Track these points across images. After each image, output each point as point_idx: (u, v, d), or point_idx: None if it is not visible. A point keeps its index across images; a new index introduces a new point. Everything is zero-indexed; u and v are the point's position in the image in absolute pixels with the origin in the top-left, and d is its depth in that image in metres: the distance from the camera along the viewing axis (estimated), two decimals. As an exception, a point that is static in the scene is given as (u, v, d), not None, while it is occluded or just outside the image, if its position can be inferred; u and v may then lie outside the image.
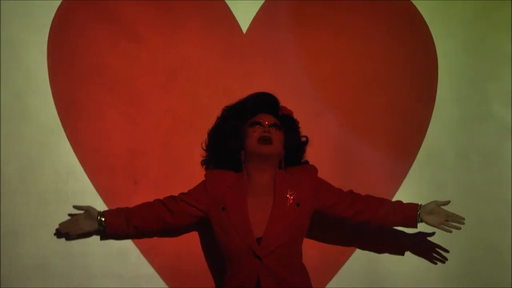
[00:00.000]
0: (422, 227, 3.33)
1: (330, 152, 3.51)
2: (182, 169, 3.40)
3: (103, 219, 3.22)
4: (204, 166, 3.40)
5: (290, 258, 3.11)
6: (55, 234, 3.28)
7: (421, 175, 3.54)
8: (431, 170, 3.56)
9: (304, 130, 3.38)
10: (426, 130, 3.60)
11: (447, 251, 3.46)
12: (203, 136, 3.39)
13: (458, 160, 3.58)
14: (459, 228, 3.23)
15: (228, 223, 3.10)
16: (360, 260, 3.46)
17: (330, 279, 3.43)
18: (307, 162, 3.34)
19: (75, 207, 3.27)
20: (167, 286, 3.34)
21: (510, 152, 3.60)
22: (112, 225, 3.22)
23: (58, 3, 3.45)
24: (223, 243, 3.11)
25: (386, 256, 3.47)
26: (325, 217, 3.29)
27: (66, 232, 3.25)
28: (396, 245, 3.46)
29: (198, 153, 3.40)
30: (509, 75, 3.65)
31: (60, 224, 3.26)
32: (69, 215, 3.29)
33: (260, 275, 3.04)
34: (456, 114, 3.61)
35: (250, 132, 3.20)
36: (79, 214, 3.27)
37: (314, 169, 3.25)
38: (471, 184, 3.55)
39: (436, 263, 3.46)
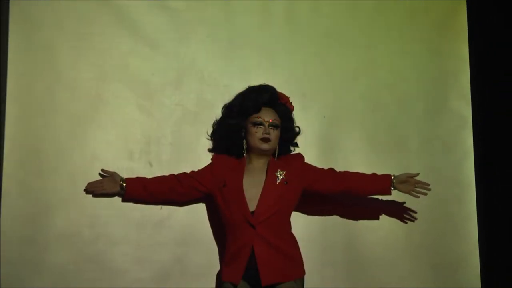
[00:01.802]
0: (394, 196, 3.51)
1: (315, 140, 3.68)
2: (190, 154, 3.58)
3: (125, 184, 3.44)
4: (208, 152, 3.58)
5: (280, 228, 3.32)
6: (84, 190, 3.45)
7: (391, 159, 3.71)
8: (398, 155, 3.73)
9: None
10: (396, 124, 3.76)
11: (415, 212, 3.66)
12: (208, 126, 3.58)
13: (422, 146, 3.77)
14: (425, 194, 3.41)
15: (228, 197, 3.33)
16: (340, 232, 3.65)
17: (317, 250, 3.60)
18: (296, 144, 3.53)
19: (102, 170, 3.47)
20: (177, 253, 3.51)
21: (465, 140, 3.81)
22: (130, 192, 3.43)
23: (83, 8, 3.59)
24: (225, 215, 3.34)
25: (362, 227, 3.65)
26: (310, 197, 3.46)
27: (91, 190, 3.45)
28: (372, 211, 3.64)
29: (203, 140, 3.59)
30: (465, 74, 3.87)
31: (88, 184, 3.45)
32: (100, 174, 3.48)
33: (254, 241, 3.26)
34: (421, 107, 3.81)
35: (252, 131, 3.39)
36: (106, 177, 3.48)
37: (301, 156, 3.48)
38: (432, 166, 3.72)
39: (406, 222, 3.66)
